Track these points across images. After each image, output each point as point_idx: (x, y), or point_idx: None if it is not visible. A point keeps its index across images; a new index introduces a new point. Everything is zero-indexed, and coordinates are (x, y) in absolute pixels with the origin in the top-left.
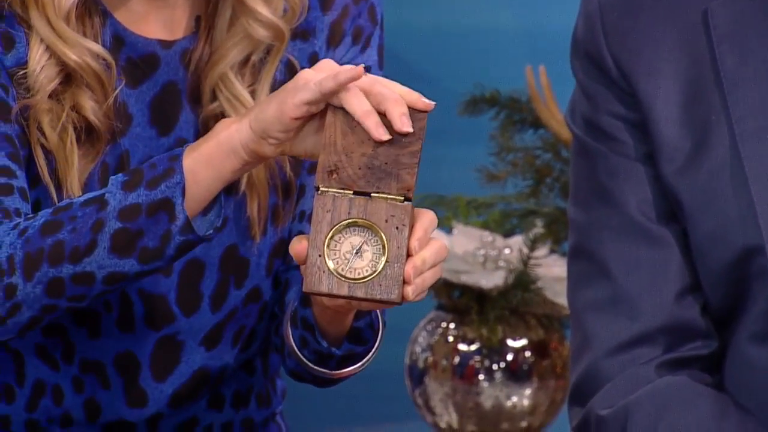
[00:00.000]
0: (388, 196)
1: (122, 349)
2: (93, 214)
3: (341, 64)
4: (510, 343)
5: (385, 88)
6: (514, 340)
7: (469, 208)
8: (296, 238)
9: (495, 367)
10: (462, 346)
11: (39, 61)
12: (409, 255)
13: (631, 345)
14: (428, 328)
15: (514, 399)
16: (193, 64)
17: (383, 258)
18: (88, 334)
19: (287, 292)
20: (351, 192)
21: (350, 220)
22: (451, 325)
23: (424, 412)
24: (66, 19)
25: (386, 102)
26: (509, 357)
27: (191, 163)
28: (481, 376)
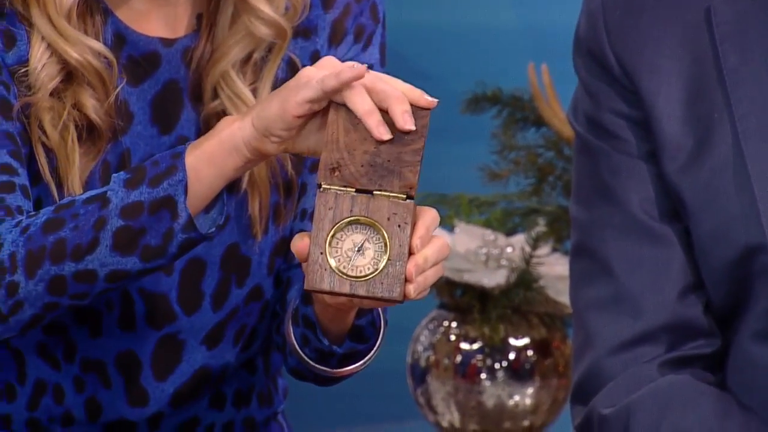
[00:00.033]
0: (391, 194)
1: (123, 348)
2: (95, 211)
3: (343, 62)
4: (512, 341)
5: (387, 86)
6: (517, 338)
7: (471, 206)
8: (298, 235)
9: (497, 366)
10: (464, 345)
11: (40, 59)
12: (411, 253)
13: (634, 344)
14: (430, 326)
15: (517, 398)
16: (195, 62)
17: (385, 256)
18: (89, 333)
19: (289, 291)
20: (353, 190)
21: (352, 218)
22: (453, 323)
23: (426, 411)
24: (67, 17)
25: (388, 99)
26: (511, 356)
27: (193, 161)
28: (483, 375)
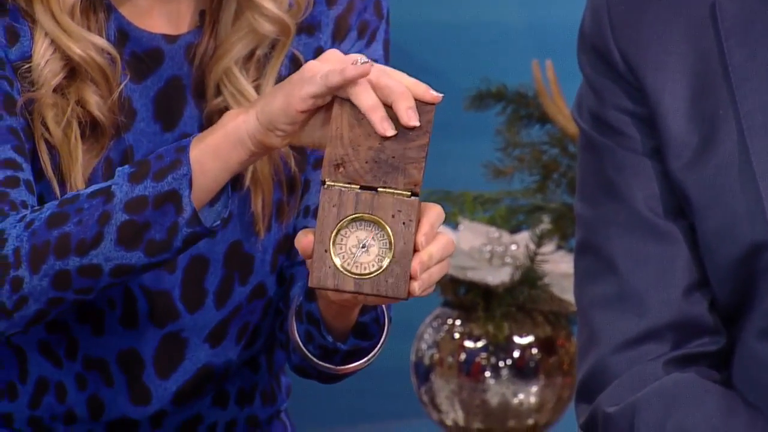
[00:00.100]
0: (395, 191)
1: (126, 346)
2: (99, 206)
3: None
4: (516, 339)
5: (391, 80)
6: (521, 336)
7: (476, 203)
8: (302, 231)
9: (501, 364)
10: (468, 343)
11: (43, 56)
12: (415, 250)
13: (639, 341)
14: (434, 324)
15: (521, 396)
16: (198, 58)
17: (390, 253)
18: (92, 331)
19: (292, 288)
20: (357, 187)
21: (356, 216)
22: (457, 321)
23: (429, 410)
24: (70, 14)
25: (393, 95)
26: (516, 354)
27: (198, 155)
28: (488, 373)
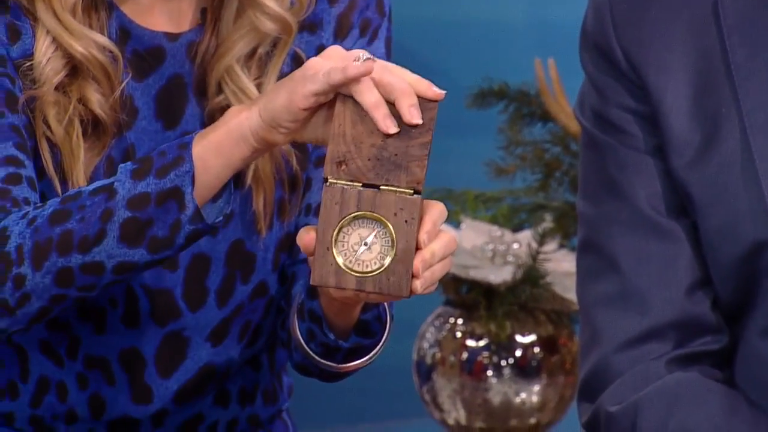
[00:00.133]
0: (398, 189)
1: (127, 345)
2: (102, 203)
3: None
4: (519, 338)
5: (394, 77)
6: (523, 335)
7: (478, 202)
8: (304, 229)
9: (503, 363)
10: (470, 342)
11: (45, 54)
12: (418, 248)
13: (641, 340)
14: (436, 323)
15: (523, 395)
16: (199, 56)
17: (392, 251)
18: (94, 330)
19: (293, 286)
20: (360, 184)
21: (359, 213)
22: (459, 320)
23: (431, 409)
24: (72, 11)
25: (395, 92)
26: (518, 353)
27: (201, 151)
28: (490, 372)
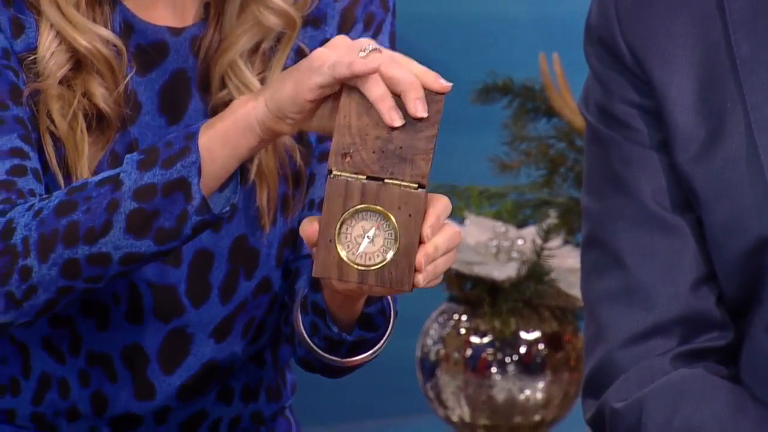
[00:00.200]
0: (402, 183)
1: (130, 341)
2: (108, 194)
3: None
4: (523, 335)
5: (400, 70)
6: (527, 332)
7: (482, 198)
8: (306, 220)
9: (508, 359)
10: (474, 339)
11: (49, 48)
12: (421, 242)
13: (646, 336)
14: (440, 320)
15: (527, 392)
16: (203, 51)
17: (395, 245)
18: (96, 326)
19: (297, 281)
20: (364, 177)
21: (362, 206)
22: (463, 317)
23: (435, 406)
24: (76, 5)
25: (401, 85)
26: (522, 350)
27: (207, 141)
28: (494, 369)
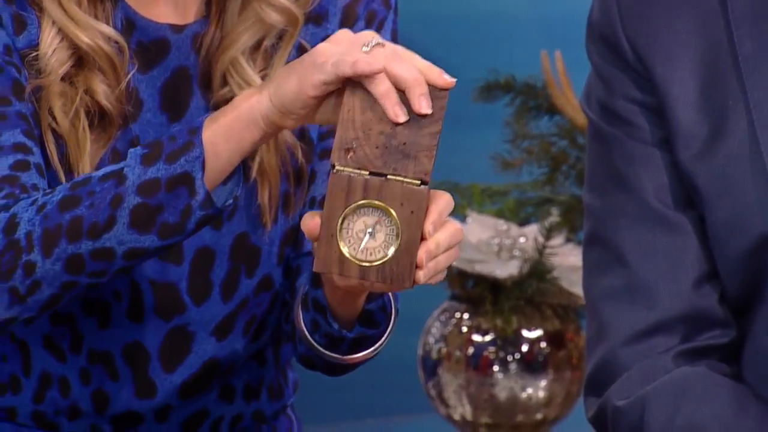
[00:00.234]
0: (405, 179)
1: (131, 339)
2: (111, 188)
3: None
4: (525, 333)
5: (405, 65)
6: (530, 330)
7: (484, 196)
8: (308, 214)
9: (510, 358)
10: (476, 337)
11: (51, 44)
12: (423, 238)
13: (648, 334)
14: (442, 318)
15: (530, 390)
16: (204, 48)
17: (396, 241)
18: (97, 324)
19: (298, 278)
20: (367, 173)
21: (364, 202)
22: (465, 315)
23: (437, 404)
24: (77, 2)
25: (406, 81)
26: (524, 348)
27: (211, 136)
28: (496, 368)
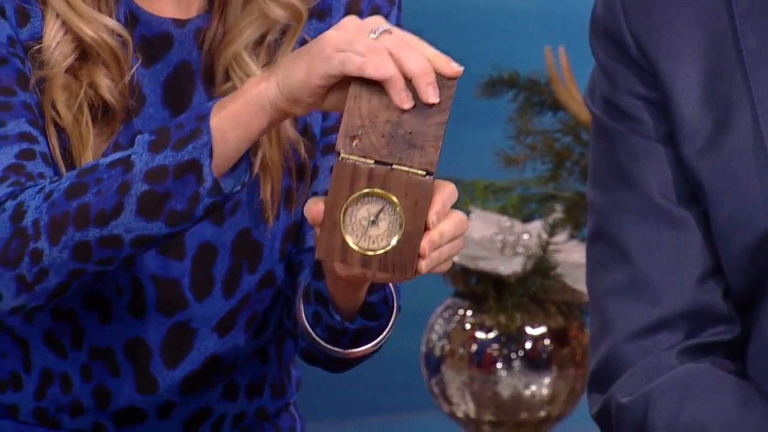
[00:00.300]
0: (410, 170)
1: (132, 335)
2: (119, 176)
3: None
4: (529, 330)
5: (413, 53)
6: (533, 327)
7: (487, 192)
8: (312, 199)
9: (513, 355)
10: (479, 334)
11: (54, 37)
12: (426, 228)
13: (652, 330)
14: (445, 315)
15: (533, 388)
16: (207, 43)
17: (399, 231)
18: (98, 320)
19: (299, 274)
20: (372, 162)
21: (368, 191)
22: (469, 312)
23: (440, 402)
24: None
25: (413, 69)
26: (528, 345)
27: (219, 123)
28: (499, 365)
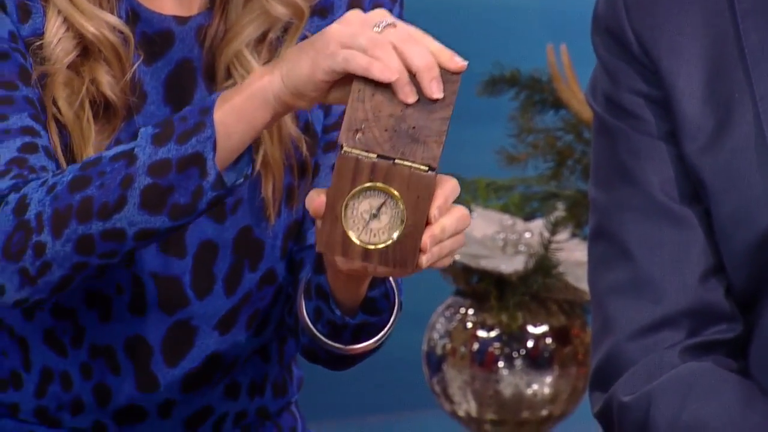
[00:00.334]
0: (412, 165)
1: (133, 333)
2: (122, 169)
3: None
4: (530, 329)
5: (417, 47)
6: (535, 326)
7: (489, 190)
8: (314, 191)
9: (515, 354)
10: (481, 333)
11: (56, 34)
12: (428, 223)
13: (654, 328)
14: (446, 314)
15: (535, 387)
16: (208, 40)
17: (401, 226)
18: (99, 318)
19: (301, 271)
20: (375, 156)
21: (371, 185)
22: (470, 311)
23: (442, 401)
24: None
25: (417, 64)
26: (529, 344)
27: (222, 116)
28: (501, 364)
